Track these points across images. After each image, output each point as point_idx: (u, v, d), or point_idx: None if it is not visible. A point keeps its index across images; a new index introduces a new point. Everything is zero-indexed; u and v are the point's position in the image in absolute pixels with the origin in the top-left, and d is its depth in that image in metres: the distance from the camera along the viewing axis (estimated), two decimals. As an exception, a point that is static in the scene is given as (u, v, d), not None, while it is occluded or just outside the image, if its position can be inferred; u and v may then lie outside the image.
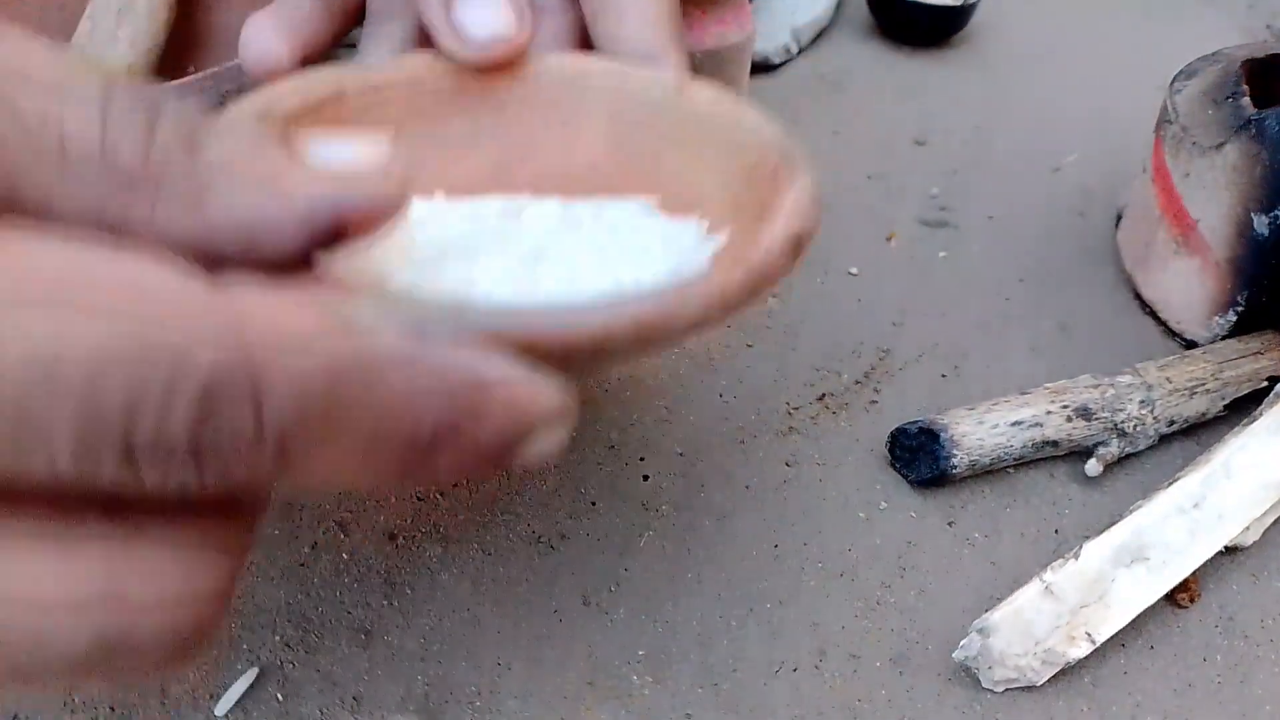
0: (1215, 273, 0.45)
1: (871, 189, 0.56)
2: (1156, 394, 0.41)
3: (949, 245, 0.53)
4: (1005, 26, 0.69)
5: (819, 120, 0.61)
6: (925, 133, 0.61)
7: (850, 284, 0.50)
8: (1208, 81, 0.47)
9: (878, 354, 0.46)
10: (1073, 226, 0.54)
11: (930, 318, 0.48)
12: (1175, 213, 0.46)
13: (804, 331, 0.47)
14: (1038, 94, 0.64)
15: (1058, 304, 0.49)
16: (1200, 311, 0.46)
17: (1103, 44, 0.69)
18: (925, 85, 0.64)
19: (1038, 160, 0.59)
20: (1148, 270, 0.49)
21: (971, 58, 0.67)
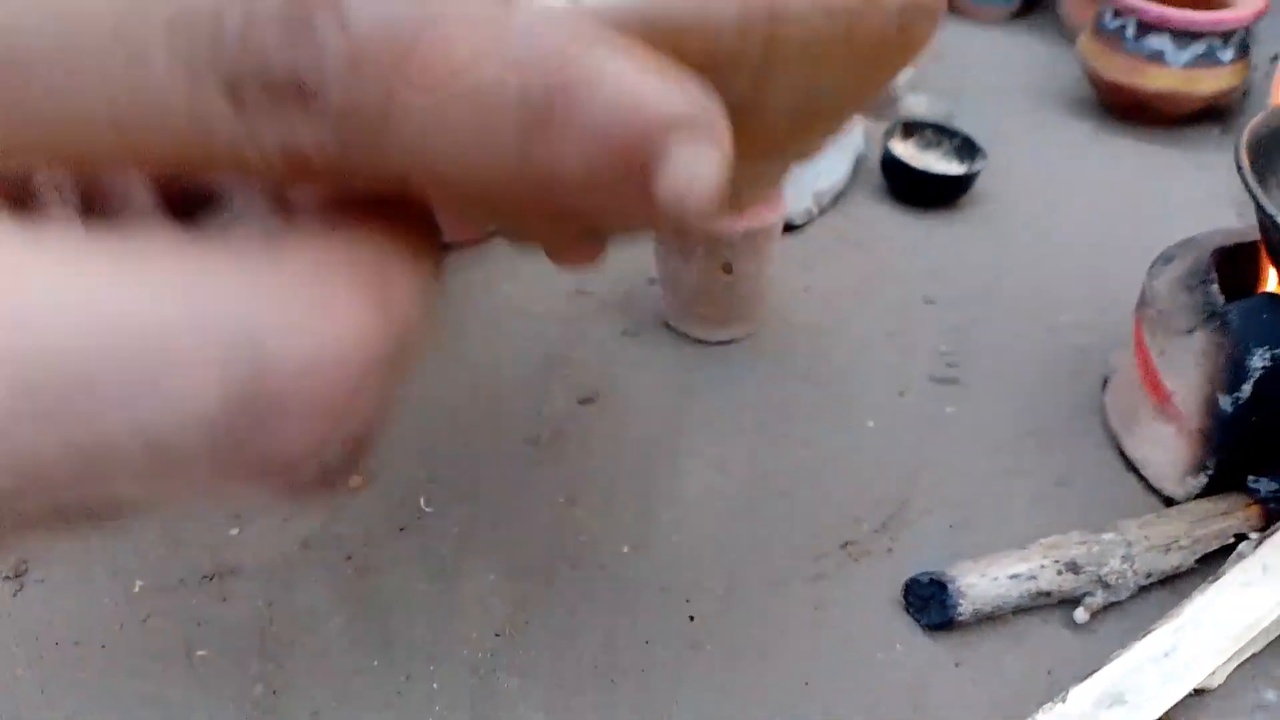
0: (1188, 439, 0.51)
1: (888, 346, 0.63)
2: (1136, 550, 0.48)
3: (956, 401, 0.59)
4: (1007, 190, 0.77)
5: (839, 279, 0.68)
6: (935, 291, 0.68)
7: (869, 437, 0.57)
8: (1182, 268, 0.54)
9: (894, 505, 0.53)
10: (1067, 384, 0.61)
11: (941, 470, 0.55)
12: (1153, 384, 0.53)
13: (829, 483, 0.54)
14: (1036, 255, 0.71)
15: (1054, 459, 0.56)
16: (1177, 472, 0.52)
17: (1098, 206, 0.77)
18: (934, 245, 0.72)
19: (1036, 319, 0.66)
20: (1131, 432, 0.55)
21: (976, 220, 0.74)
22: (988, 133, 0.81)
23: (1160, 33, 0.80)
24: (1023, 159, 0.80)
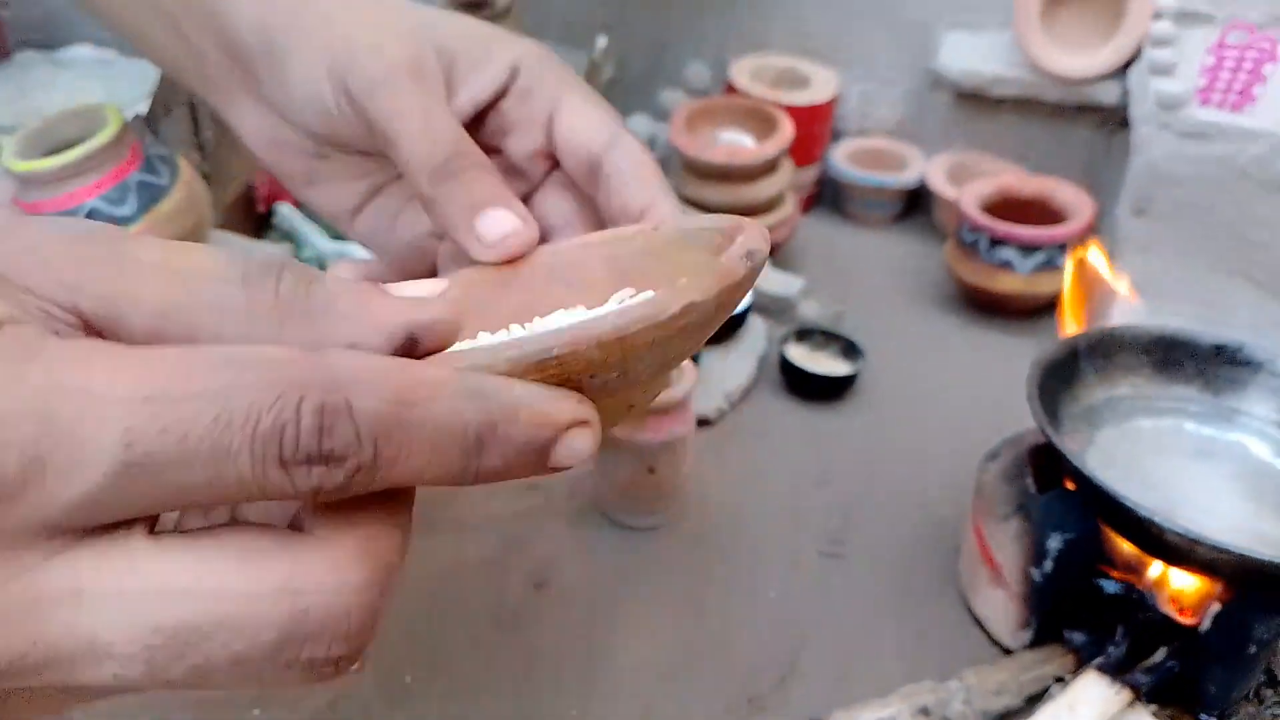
0: (1015, 602, 0.65)
1: (787, 524, 0.77)
2: (974, 694, 0.61)
3: (842, 572, 0.73)
4: (886, 382, 0.92)
5: (746, 466, 0.83)
6: (825, 475, 0.82)
7: (770, 606, 0.70)
8: (1005, 464, 0.69)
9: (789, 663, 0.66)
10: (931, 554, 0.75)
11: (827, 631, 0.68)
12: (987, 557, 0.67)
13: (738, 646, 0.66)
14: (908, 441, 0.86)
15: (918, 617, 0.69)
16: (1010, 627, 0.66)
17: (961, 393, 0.92)
18: (824, 434, 0.86)
19: (906, 498, 0.80)
20: (975, 593, 0.69)
21: (859, 410, 0.89)
22: (871, 329, 0.97)
23: (1008, 245, 0.98)
24: (900, 352, 0.96)
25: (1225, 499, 0.64)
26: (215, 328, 0.23)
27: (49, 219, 0.24)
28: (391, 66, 0.41)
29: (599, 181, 0.43)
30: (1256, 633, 0.59)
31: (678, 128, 1.01)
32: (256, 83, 0.47)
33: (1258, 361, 0.69)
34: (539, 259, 0.40)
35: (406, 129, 0.40)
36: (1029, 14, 1.06)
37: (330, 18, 0.43)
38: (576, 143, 0.43)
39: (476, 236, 0.40)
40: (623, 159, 0.42)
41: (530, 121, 0.44)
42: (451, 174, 0.40)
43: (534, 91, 0.44)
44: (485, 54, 0.43)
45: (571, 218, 0.45)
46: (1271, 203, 0.92)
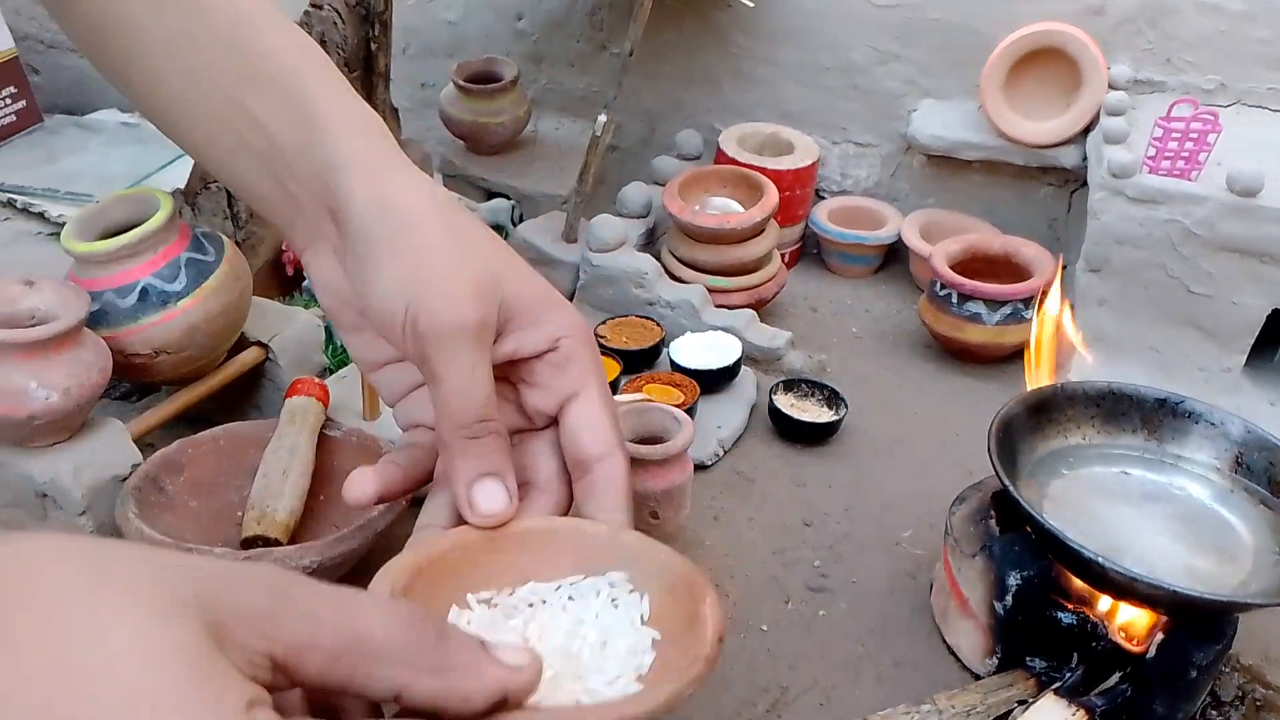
0: (982, 632, 0.73)
1: (775, 562, 0.84)
2: (946, 716, 0.68)
3: (827, 606, 0.80)
4: (867, 427, 1.00)
5: (738, 509, 0.90)
6: (811, 515, 0.90)
7: (761, 638, 0.77)
8: (971, 507, 0.77)
9: (780, 689, 0.73)
10: (907, 588, 0.82)
11: (813, 661, 0.75)
12: (956, 591, 0.75)
13: (732, 675, 0.74)
14: (887, 481, 0.94)
15: (895, 646, 0.77)
16: (978, 654, 0.74)
17: (935, 436, 1.00)
18: (810, 477, 0.94)
19: (886, 535, 0.88)
20: (947, 624, 0.77)
21: (842, 454, 0.97)
22: (852, 377, 1.06)
23: (976, 300, 1.06)
24: (879, 398, 1.04)
25: (1167, 539, 0.72)
26: (373, 671, 0.33)
27: (246, 567, 0.34)
28: (460, 324, 0.49)
29: (584, 477, 0.52)
30: (1196, 659, 0.67)
31: (671, 194, 1.09)
32: (344, 248, 0.54)
33: (1197, 413, 0.77)
34: (515, 527, 0.51)
35: (452, 382, 0.49)
36: (993, 84, 1.15)
37: (423, 253, 0.50)
38: (582, 438, 0.52)
39: (470, 502, 0.50)
40: (610, 473, 0.52)
41: (552, 390, 0.54)
42: (472, 435, 0.49)
43: (565, 369, 0.53)
44: (538, 320, 0.52)
45: (551, 477, 0.55)
46: (1216, 260, 1.00)
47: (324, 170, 0.52)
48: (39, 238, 1.17)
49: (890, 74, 1.25)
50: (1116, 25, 1.15)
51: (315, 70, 0.54)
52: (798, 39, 1.27)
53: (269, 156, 0.54)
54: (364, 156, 0.51)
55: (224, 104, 0.54)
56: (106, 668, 0.26)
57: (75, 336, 0.72)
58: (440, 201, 0.52)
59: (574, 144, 1.36)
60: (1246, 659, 0.75)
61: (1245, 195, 0.96)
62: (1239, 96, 1.14)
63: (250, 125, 0.53)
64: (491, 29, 1.43)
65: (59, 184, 1.22)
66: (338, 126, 0.52)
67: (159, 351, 0.79)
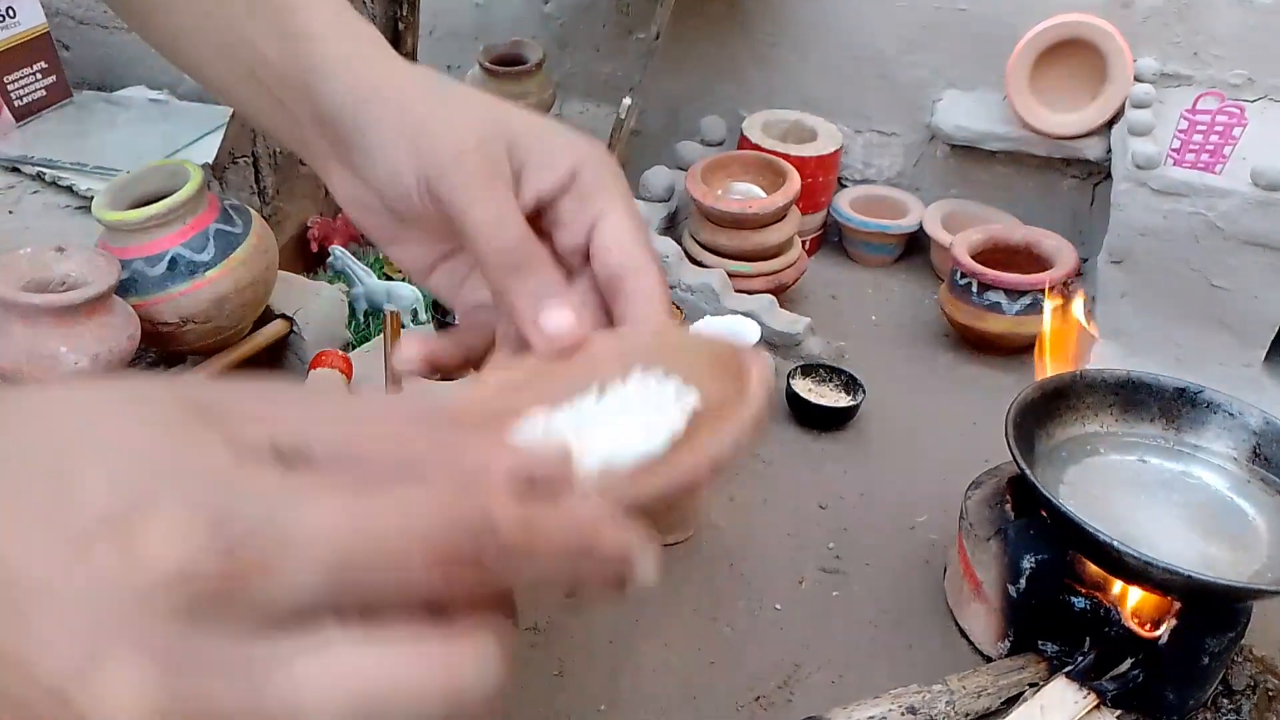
0: (994, 615, 0.73)
1: (789, 544, 0.85)
2: (957, 696, 0.69)
3: (840, 587, 0.81)
4: (884, 413, 1.01)
5: (755, 491, 0.91)
6: (826, 498, 0.90)
7: (775, 616, 0.78)
8: (987, 492, 0.77)
9: (792, 666, 0.74)
10: (920, 571, 0.83)
11: (826, 640, 0.76)
12: (970, 575, 0.75)
13: (746, 653, 0.74)
14: (902, 468, 0.94)
15: (908, 628, 0.77)
16: (990, 637, 0.74)
17: (952, 424, 1.00)
18: (826, 462, 0.95)
19: (900, 520, 0.88)
20: (960, 608, 0.77)
21: (859, 440, 0.98)
22: (871, 364, 1.06)
23: (996, 290, 1.06)
24: (897, 385, 1.05)
25: (1182, 526, 0.72)
26: (379, 447, 0.30)
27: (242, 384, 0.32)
28: (469, 163, 0.47)
29: (618, 295, 0.50)
30: (1208, 645, 0.67)
31: (694, 179, 1.10)
32: (346, 152, 0.55)
33: (1215, 403, 0.77)
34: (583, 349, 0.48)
35: (480, 222, 0.47)
36: (1018, 75, 1.15)
37: (411, 109, 0.48)
38: (609, 257, 0.50)
39: (539, 328, 0.47)
40: (643, 283, 0.49)
41: (579, 222, 0.53)
42: (518, 267, 0.48)
43: (587, 196, 0.52)
44: (551, 154, 0.50)
45: (593, 313, 0.52)
46: (1239, 254, 1.00)
47: (313, 82, 0.51)
48: (68, 210, 1.18)
49: (916, 64, 1.25)
50: (1144, 18, 1.14)
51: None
52: (824, 27, 1.27)
53: (269, 83, 0.54)
54: (349, 58, 0.50)
55: (233, 36, 0.54)
56: (86, 428, 0.27)
57: (105, 303, 0.73)
58: (426, 76, 0.51)
59: (598, 128, 1.36)
60: (1260, 650, 0.75)
61: (1270, 189, 0.95)
62: (1266, 91, 1.13)
63: (256, 56, 0.54)
64: (519, 12, 1.43)
65: (88, 158, 1.23)
66: (325, 37, 0.51)
67: (186, 321, 0.80)
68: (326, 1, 0.55)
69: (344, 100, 0.51)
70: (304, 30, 0.53)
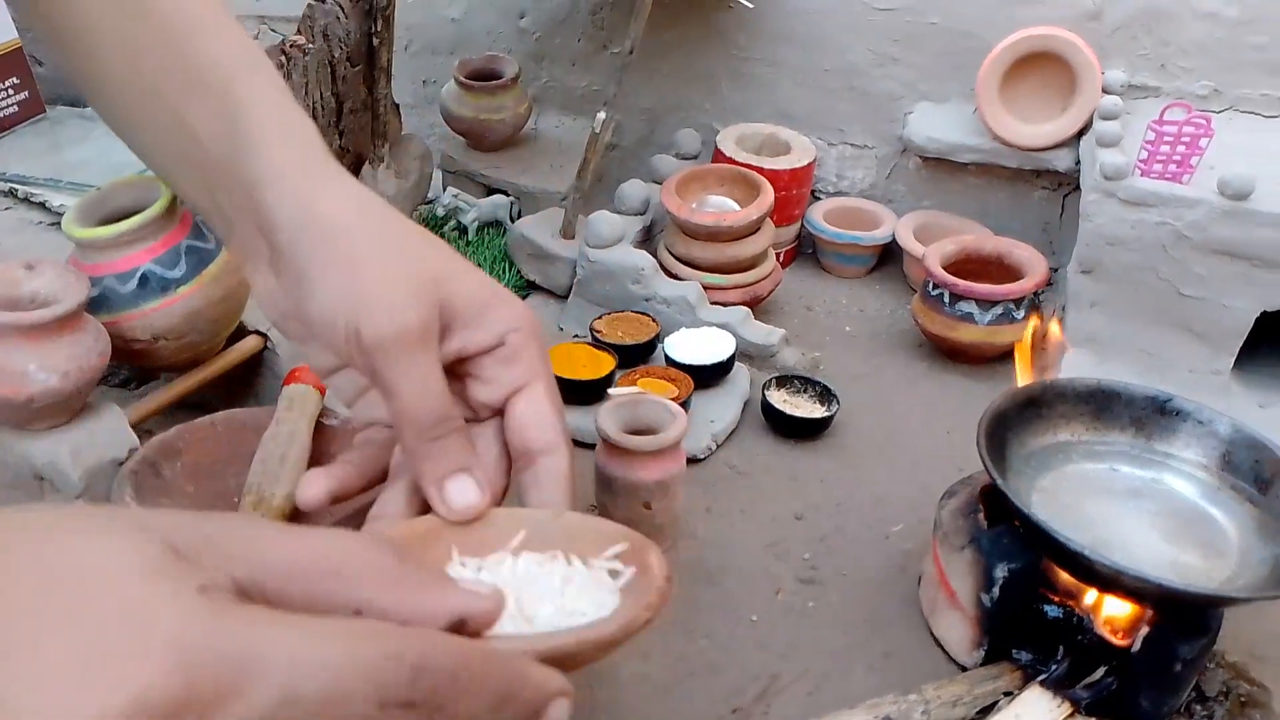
0: (969, 624, 0.74)
1: (766, 555, 0.85)
2: (933, 706, 0.69)
3: (817, 597, 0.81)
4: (859, 423, 1.01)
5: (731, 501, 0.91)
6: (803, 509, 0.90)
7: (752, 628, 0.78)
8: (960, 501, 0.78)
9: (770, 678, 0.74)
10: (896, 581, 0.83)
11: (803, 651, 0.76)
12: (945, 584, 0.75)
13: (723, 664, 0.75)
14: (878, 477, 0.95)
15: (884, 638, 0.78)
16: (965, 647, 0.75)
17: (927, 433, 1.01)
18: (802, 472, 0.95)
19: (876, 529, 0.88)
20: (934, 617, 0.78)
21: (834, 450, 0.98)
22: (845, 375, 1.06)
23: (969, 300, 1.07)
24: (871, 396, 1.05)
25: (1154, 535, 0.73)
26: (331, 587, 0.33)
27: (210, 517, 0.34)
28: (402, 333, 0.49)
29: (527, 471, 0.54)
30: (1181, 653, 0.67)
31: (669, 191, 1.10)
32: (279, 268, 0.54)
33: (1185, 411, 0.78)
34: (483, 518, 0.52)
35: (406, 392, 0.50)
36: (989, 88, 1.16)
37: (355, 260, 0.50)
38: (527, 433, 0.54)
39: (443, 499, 0.50)
40: (554, 466, 0.53)
41: (498, 385, 0.54)
42: (435, 438, 0.50)
43: (511, 364, 0.54)
44: (483, 318, 0.53)
45: (497, 466, 0.55)
46: (1207, 263, 1.01)
47: (250, 185, 0.51)
48: (40, 227, 1.18)
49: (888, 76, 1.27)
50: (1113, 31, 1.16)
51: (249, 77, 0.53)
52: (797, 40, 1.28)
53: (205, 169, 0.54)
54: (289, 168, 0.50)
55: (167, 113, 0.53)
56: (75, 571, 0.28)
57: (76, 320, 0.72)
58: (369, 207, 0.52)
59: (574, 142, 1.37)
60: (1232, 656, 0.76)
61: (1236, 199, 0.97)
62: (1232, 102, 1.15)
63: (189, 137, 0.53)
64: (494, 27, 1.44)
65: (61, 174, 1.23)
66: (264, 138, 0.51)
67: (158, 337, 0.80)
68: (264, 84, 0.54)
69: (284, 218, 0.50)
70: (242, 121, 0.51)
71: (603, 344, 0.99)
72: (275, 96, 0.53)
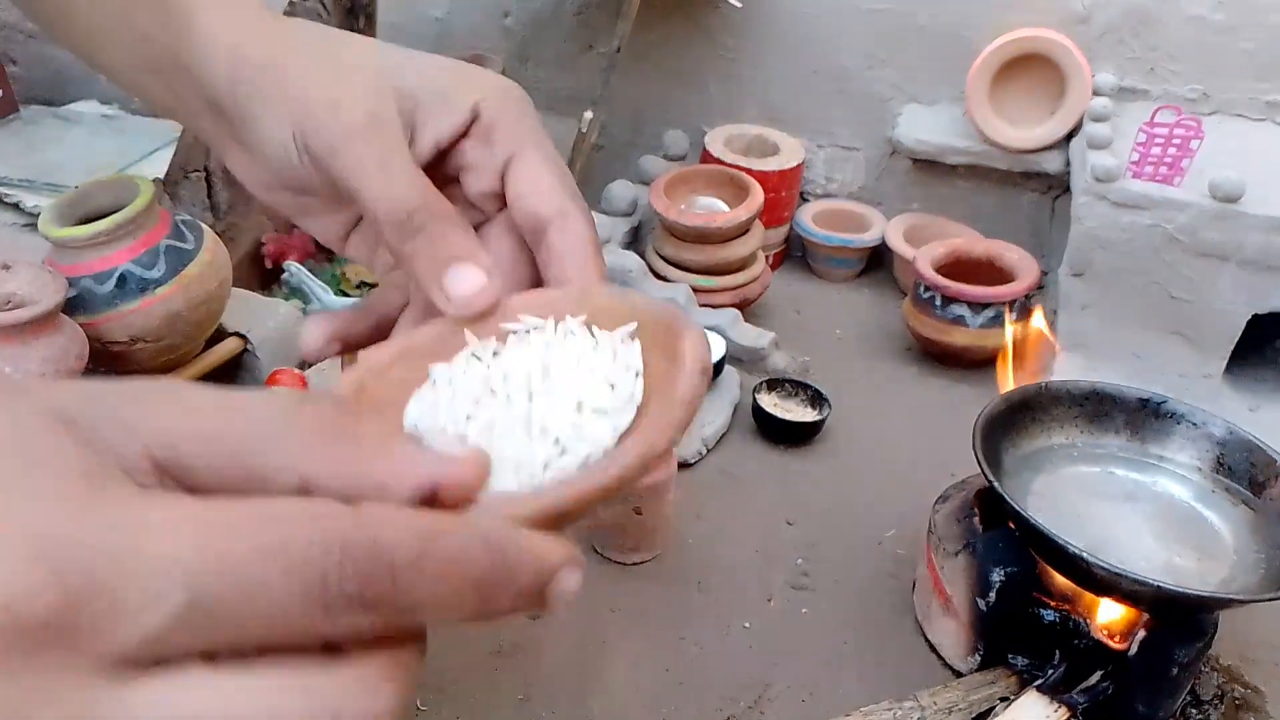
0: (964, 629, 0.73)
1: (758, 561, 0.84)
2: (928, 713, 0.68)
3: (809, 604, 0.80)
4: (850, 427, 1.00)
5: (722, 506, 0.90)
6: (794, 514, 0.89)
7: (745, 635, 0.77)
8: (954, 505, 0.77)
9: (763, 685, 0.72)
10: (889, 586, 0.82)
11: (796, 658, 0.75)
12: (939, 589, 0.74)
13: (715, 672, 0.73)
14: (869, 482, 0.94)
15: (877, 644, 0.77)
16: (960, 652, 0.74)
17: (918, 437, 1.00)
18: (792, 476, 0.94)
19: (868, 535, 0.87)
20: (929, 622, 0.77)
21: (825, 454, 0.97)
22: (836, 378, 1.05)
23: (960, 303, 1.06)
24: (862, 399, 1.04)
25: (1149, 537, 0.72)
26: (261, 455, 0.27)
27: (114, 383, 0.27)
28: (348, 123, 0.43)
29: (540, 248, 0.45)
30: (1177, 656, 0.67)
31: (657, 193, 1.09)
32: (236, 131, 0.51)
33: (1179, 414, 0.77)
34: (498, 314, 0.42)
35: (368, 185, 0.42)
36: (978, 89, 1.16)
37: (288, 76, 0.45)
38: (525, 206, 0.44)
39: (445, 294, 0.42)
40: (566, 235, 0.44)
41: (486, 165, 0.47)
42: (418, 228, 0.43)
43: (493, 135, 0.46)
44: (447, 95, 0.45)
45: (514, 258, 0.47)
46: (1197, 266, 1.01)
47: (192, 64, 0.47)
48: (14, 228, 1.15)
49: (877, 78, 1.26)
50: (1101, 34, 1.16)
51: None
52: (786, 42, 1.28)
53: (159, 68, 0.50)
54: (218, 28, 0.45)
55: (119, 21, 0.51)
56: None
57: (52, 322, 0.71)
58: (301, 31, 0.46)
59: (559, 142, 1.34)
60: (1225, 659, 0.76)
61: (1227, 201, 0.96)
62: (1220, 106, 1.15)
63: (140, 39, 0.50)
64: (478, 26, 1.42)
65: (36, 174, 1.20)
66: (198, 14, 0.47)
67: (137, 339, 0.78)
68: None
69: (225, 76, 0.45)
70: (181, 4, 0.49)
71: (591, 347, 0.97)
72: None
